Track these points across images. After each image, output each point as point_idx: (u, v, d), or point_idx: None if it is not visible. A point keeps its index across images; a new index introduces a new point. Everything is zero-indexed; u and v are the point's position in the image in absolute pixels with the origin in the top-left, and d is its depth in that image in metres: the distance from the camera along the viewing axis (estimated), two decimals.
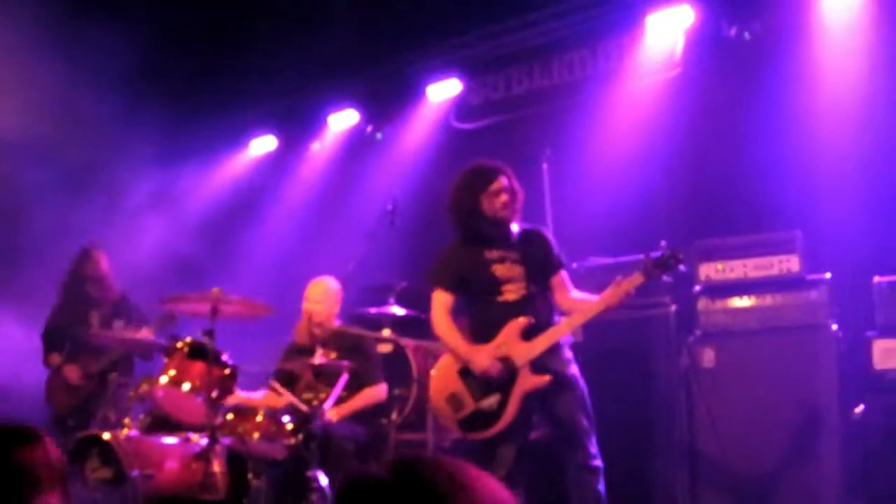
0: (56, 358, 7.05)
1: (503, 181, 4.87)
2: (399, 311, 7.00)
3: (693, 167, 6.76)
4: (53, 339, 7.13)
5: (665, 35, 7.05)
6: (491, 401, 4.78)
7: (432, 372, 5.09)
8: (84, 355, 6.89)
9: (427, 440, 5.59)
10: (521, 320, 4.76)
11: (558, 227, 5.84)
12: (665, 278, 5.01)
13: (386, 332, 6.67)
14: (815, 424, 5.46)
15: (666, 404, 5.80)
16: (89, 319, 7.04)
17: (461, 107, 8.17)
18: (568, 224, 6.08)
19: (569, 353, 4.90)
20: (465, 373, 4.87)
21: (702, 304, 5.89)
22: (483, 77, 8.05)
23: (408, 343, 6.35)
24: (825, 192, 6.08)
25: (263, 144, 9.30)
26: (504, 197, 4.85)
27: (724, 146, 6.65)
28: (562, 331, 4.80)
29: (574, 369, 4.86)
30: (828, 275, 5.65)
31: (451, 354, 4.95)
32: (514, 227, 5.01)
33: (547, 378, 4.71)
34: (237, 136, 9.30)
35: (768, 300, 5.75)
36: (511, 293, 4.85)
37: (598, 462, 4.74)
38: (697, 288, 5.91)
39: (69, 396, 6.89)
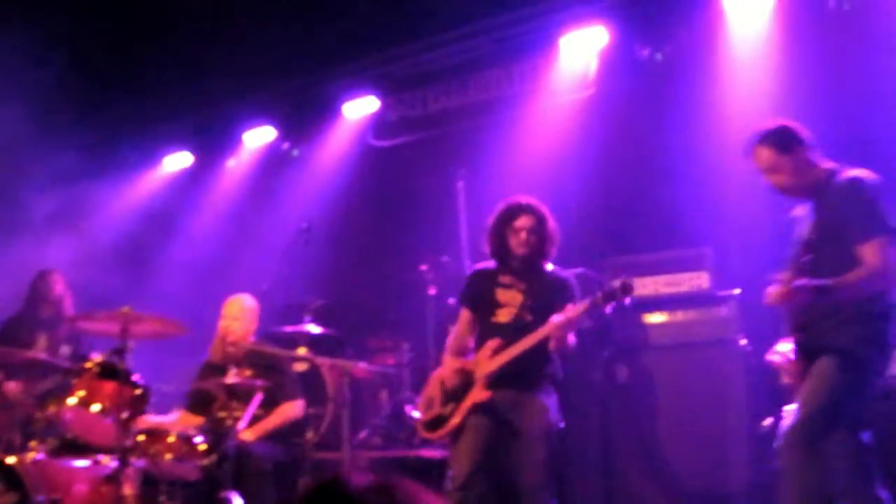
0: None
1: (525, 221, 5.01)
2: (315, 329, 6.96)
3: (606, 185, 6.87)
4: None
5: (579, 56, 7.17)
6: (448, 408, 4.94)
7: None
8: (26, 376, 6.64)
9: (342, 459, 5.56)
10: (495, 341, 4.88)
11: (474, 244, 5.87)
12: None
13: (302, 351, 6.62)
14: (725, 436, 5.59)
15: (581, 420, 5.86)
16: (36, 340, 6.82)
17: (378, 124, 8.18)
18: (483, 241, 6.11)
19: (546, 409, 4.85)
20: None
21: (615, 320, 5.96)
22: (400, 95, 8.07)
23: (323, 362, 6.32)
24: (734, 209, 6.22)
25: (178, 161, 9.17)
26: (523, 235, 5.00)
27: (637, 165, 6.78)
28: (512, 352, 4.84)
29: (540, 424, 4.80)
30: (737, 291, 5.78)
31: None
32: (549, 267, 5.09)
33: (487, 394, 4.81)
34: (151, 153, 9.15)
35: (679, 316, 5.87)
36: (503, 316, 4.99)
37: None
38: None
39: (5, 414, 6.63)
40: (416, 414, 5.32)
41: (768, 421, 5.48)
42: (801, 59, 6.26)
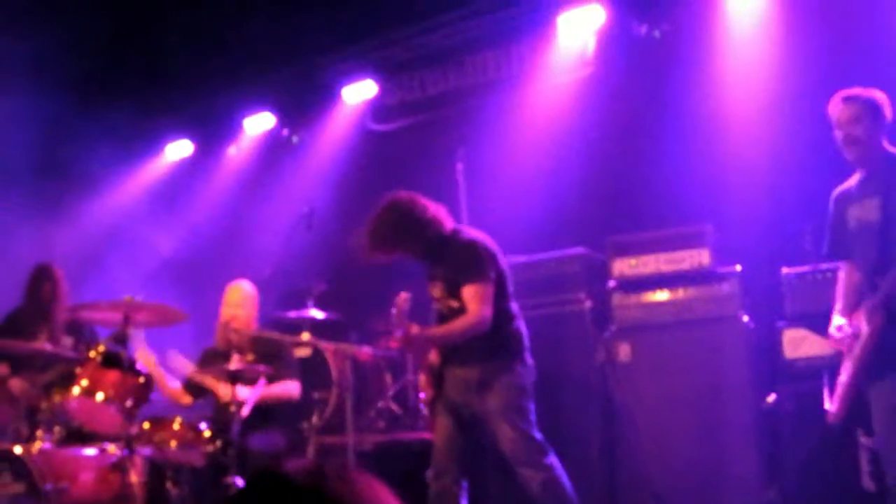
0: (2, 369, 6.81)
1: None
2: (318, 314, 6.97)
3: (606, 164, 6.86)
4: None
5: (576, 35, 7.14)
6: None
7: None
8: (29, 368, 6.67)
9: (347, 443, 5.58)
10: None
11: (474, 227, 5.86)
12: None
13: (305, 336, 6.63)
14: (729, 413, 5.59)
15: (583, 399, 5.87)
16: (38, 332, 6.84)
17: (377, 108, 8.17)
18: (483, 223, 6.11)
19: (500, 384, 4.76)
20: None
21: (616, 299, 5.97)
22: (398, 78, 8.06)
23: (327, 346, 6.33)
24: (734, 186, 6.22)
25: (179, 149, 9.17)
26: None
27: (636, 143, 6.77)
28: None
29: (497, 402, 4.74)
30: (738, 267, 5.78)
31: None
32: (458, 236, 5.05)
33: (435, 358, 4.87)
34: (153, 142, 9.16)
35: (681, 294, 5.86)
36: (438, 308, 5.06)
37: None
38: (612, 283, 6.00)
39: (12, 408, 6.66)
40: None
41: (771, 397, 5.50)
42: (799, 36, 6.25)
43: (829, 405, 4.43)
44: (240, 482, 5.10)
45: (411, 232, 4.82)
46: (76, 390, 5.15)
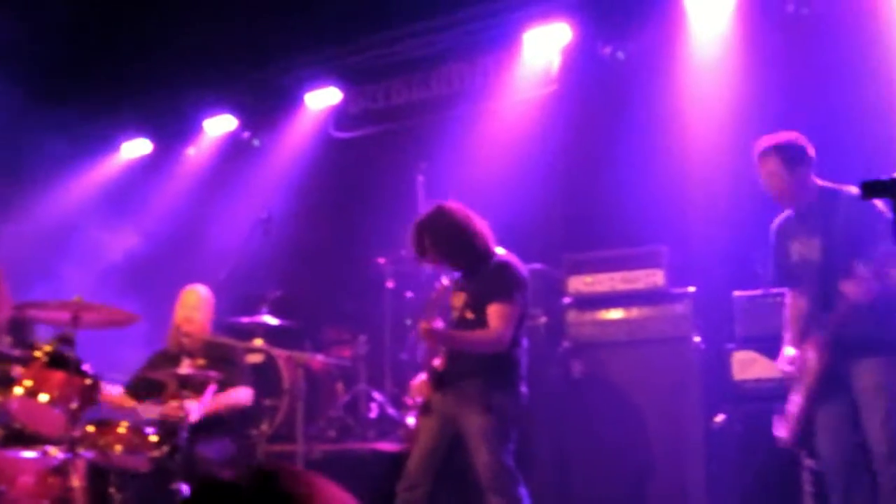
0: None
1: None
2: (272, 320, 6.92)
3: (566, 182, 6.90)
4: None
5: (542, 52, 7.18)
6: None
7: None
8: None
9: (297, 452, 5.54)
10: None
11: None
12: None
13: (258, 342, 6.58)
14: (679, 432, 5.65)
15: (536, 415, 5.87)
16: None
17: (340, 116, 8.14)
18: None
19: (487, 408, 4.74)
20: None
21: (571, 315, 6.00)
22: (362, 87, 8.04)
23: (279, 353, 6.29)
24: (691, 208, 6.28)
25: (136, 148, 9.06)
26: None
27: (597, 162, 6.82)
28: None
29: (479, 424, 4.72)
30: (691, 289, 5.83)
31: None
32: (499, 252, 5.01)
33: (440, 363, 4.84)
34: (109, 139, 9.04)
35: (635, 313, 5.90)
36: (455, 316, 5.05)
37: None
38: (567, 300, 6.03)
39: None
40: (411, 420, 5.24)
41: (720, 417, 5.55)
42: (760, 61, 6.34)
43: (780, 432, 4.55)
44: (186, 489, 5.03)
45: (461, 240, 4.83)
46: (18, 390, 5.02)
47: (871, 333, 4.32)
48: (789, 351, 4.58)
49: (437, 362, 4.86)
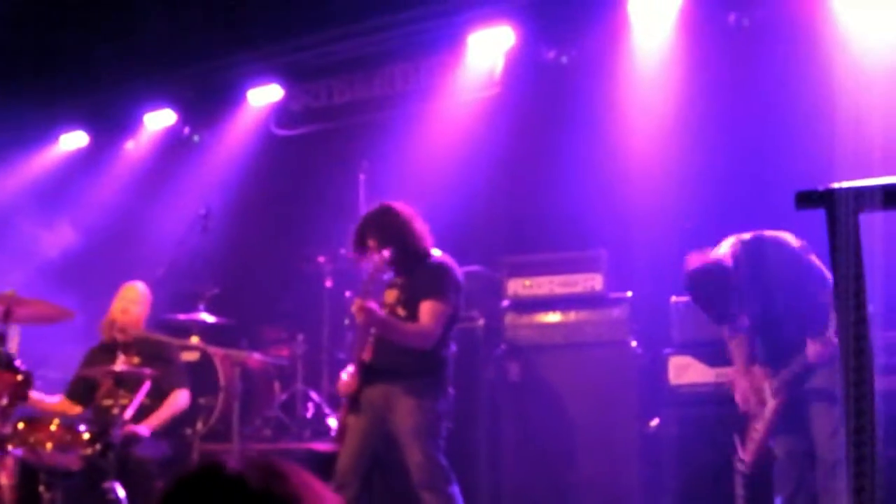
0: None
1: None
2: (208, 318, 6.85)
3: (507, 185, 6.94)
4: None
5: (485, 55, 7.21)
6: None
7: None
8: None
9: (232, 451, 5.49)
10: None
11: None
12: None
13: (194, 340, 6.51)
14: (615, 436, 5.70)
15: (472, 417, 5.90)
16: None
17: (281, 113, 8.09)
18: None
19: (418, 408, 4.78)
20: None
21: (509, 318, 6.04)
22: (304, 84, 7.99)
23: (216, 351, 6.23)
24: (630, 213, 6.35)
25: (74, 140, 8.89)
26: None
27: (538, 165, 6.86)
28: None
29: (411, 424, 4.76)
30: (629, 293, 5.90)
31: None
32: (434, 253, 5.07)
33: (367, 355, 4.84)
34: (45, 131, 8.85)
35: (572, 316, 5.95)
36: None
37: None
38: (505, 303, 6.06)
39: None
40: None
41: (655, 421, 5.62)
42: (701, 69, 6.43)
43: (743, 455, 4.76)
44: (118, 489, 4.95)
45: (396, 235, 4.87)
46: None
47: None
48: (742, 384, 4.79)
49: (365, 355, 4.87)
